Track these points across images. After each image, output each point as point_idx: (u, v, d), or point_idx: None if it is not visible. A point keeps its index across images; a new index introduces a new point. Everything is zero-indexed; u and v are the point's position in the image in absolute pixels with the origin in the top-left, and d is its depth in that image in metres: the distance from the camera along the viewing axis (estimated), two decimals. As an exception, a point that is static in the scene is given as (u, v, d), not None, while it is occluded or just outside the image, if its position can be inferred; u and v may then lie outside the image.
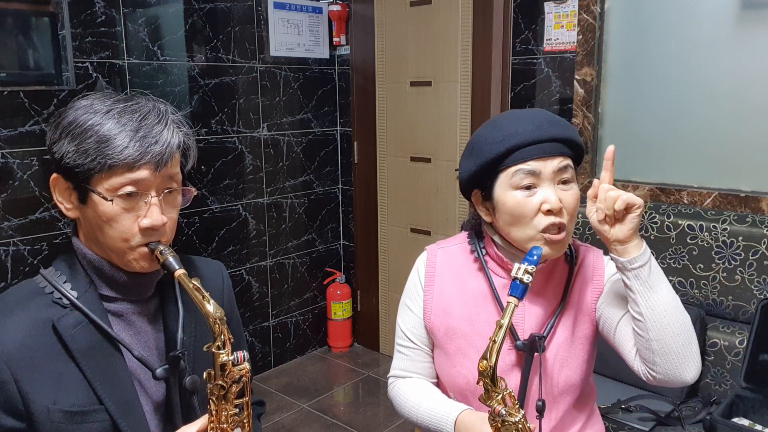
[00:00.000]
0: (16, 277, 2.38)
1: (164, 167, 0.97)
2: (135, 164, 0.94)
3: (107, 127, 0.94)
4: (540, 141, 1.12)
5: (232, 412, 0.94)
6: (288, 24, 3.21)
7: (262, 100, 3.15)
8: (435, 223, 3.19)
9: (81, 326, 0.97)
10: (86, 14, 2.45)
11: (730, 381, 2.00)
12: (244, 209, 3.15)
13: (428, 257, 1.32)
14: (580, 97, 2.51)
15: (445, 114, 3.04)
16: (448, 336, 1.25)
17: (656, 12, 2.33)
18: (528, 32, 2.66)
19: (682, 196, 2.29)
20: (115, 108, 0.96)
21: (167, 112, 1.00)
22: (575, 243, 1.30)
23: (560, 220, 1.12)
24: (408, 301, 1.32)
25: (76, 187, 0.97)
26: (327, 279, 3.59)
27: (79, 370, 0.96)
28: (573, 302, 1.24)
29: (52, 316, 0.96)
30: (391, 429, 2.79)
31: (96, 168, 0.93)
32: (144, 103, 0.99)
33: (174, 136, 0.98)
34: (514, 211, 1.13)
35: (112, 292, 1.02)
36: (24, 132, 2.34)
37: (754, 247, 2.00)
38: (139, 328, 1.04)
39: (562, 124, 1.17)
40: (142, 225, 0.96)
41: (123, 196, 0.95)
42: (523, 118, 1.16)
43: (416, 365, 1.31)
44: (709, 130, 2.26)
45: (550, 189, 1.12)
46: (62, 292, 0.98)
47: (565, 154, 1.14)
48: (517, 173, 1.12)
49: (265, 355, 3.33)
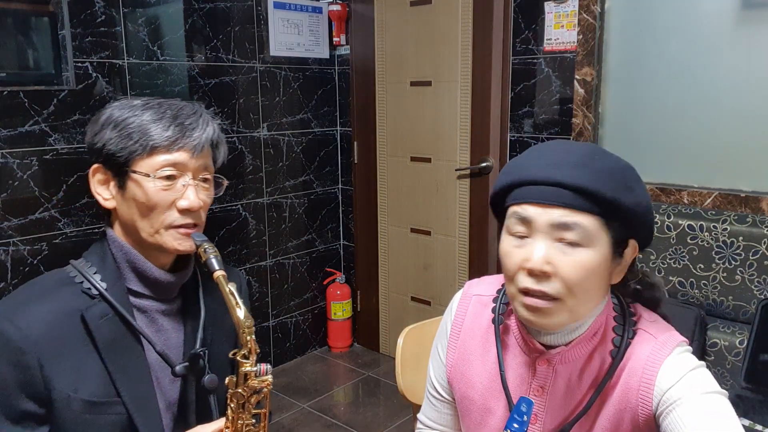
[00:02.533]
0: (16, 277, 2.38)
1: (200, 153, 1.03)
2: (174, 146, 1.00)
3: (147, 115, 1.01)
4: (546, 183, 0.89)
5: (248, 421, 0.96)
6: (288, 24, 3.21)
7: (262, 100, 3.15)
8: (435, 223, 3.19)
9: (107, 318, 0.99)
10: (86, 14, 2.45)
11: (730, 381, 2.00)
12: (244, 209, 3.15)
13: (460, 303, 1.12)
14: (580, 97, 2.51)
15: (445, 114, 3.04)
16: (464, 403, 1.09)
17: (656, 12, 2.33)
18: (528, 32, 2.65)
19: (683, 196, 2.29)
20: (152, 102, 1.03)
21: (201, 107, 1.07)
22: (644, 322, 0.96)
23: (543, 289, 0.88)
24: (438, 344, 1.16)
25: (116, 174, 1.02)
26: (327, 279, 3.59)
27: (101, 361, 0.98)
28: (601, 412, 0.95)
29: (81, 306, 0.98)
30: (391, 429, 2.79)
31: (138, 150, 0.99)
32: (177, 101, 1.06)
33: (209, 127, 1.05)
34: (502, 259, 0.94)
35: (140, 287, 1.04)
36: (24, 132, 2.34)
37: (755, 247, 2.00)
38: (161, 325, 1.06)
39: (593, 169, 0.88)
40: (180, 206, 1.01)
41: (163, 177, 1.00)
42: (551, 151, 0.94)
43: (443, 417, 1.18)
44: (709, 130, 2.26)
45: (541, 244, 0.89)
46: (92, 282, 1.00)
47: (577, 207, 0.87)
48: (513, 215, 0.93)
49: (265, 355, 3.33)
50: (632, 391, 0.92)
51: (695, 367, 0.90)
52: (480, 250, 3.01)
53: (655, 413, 0.90)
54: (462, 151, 2.99)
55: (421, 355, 1.48)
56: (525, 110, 2.71)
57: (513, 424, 0.94)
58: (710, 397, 0.86)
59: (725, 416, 0.84)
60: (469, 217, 3.02)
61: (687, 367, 0.90)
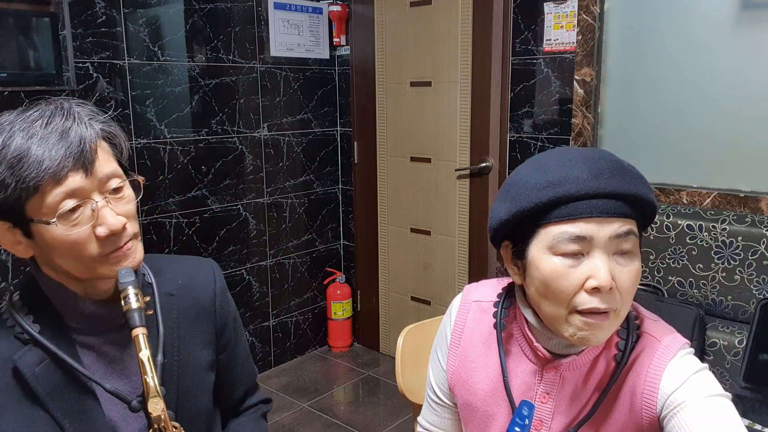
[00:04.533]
0: (17, 277, 2.38)
1: (93, 166, 0.86)
2: (61, 174, 0.83)
3: (15, 146, 0.82)
4: (597, 196, 0.85)
5: None
6: (288, 24, 3.21)
7: (263, 100, 3.15)
8: (435, 223, 3.19)
9: (44, 364, 0.88)
10: (87, 14, 2.46)
11: (729, 381, 2.00)
12: (245, 209, 3.15)
13: (460, 309, 1.09)
14: (580, 98, 2.52)
15: (445, 114, 3.04)
16: (467, 410, 1.07)
17: (656, 12, 2.33)
18: (528, 32, 2.66)
19: (682, 196, 2.29)
20: (16, 122, 0.85)
21: (72, 107, 0.89)
22: (647, 324, 0.96)
23: (607, 306, 0.85)
24: (438, 349, 1.13)
25: (15, 223, 0.87)
26: (327, 279, 3.60)
27: (46, 412, 0.88)
28: (608, 415, 0.95)
29: (12, 354, 0.88)
30: (391, 429, 2.80)
31: (23, 195, 0.83)
32: (44, 107, 0.88)
33: (88, 129, 0.87)
34: (550, 281, 0.87)
35: (80, 322, 0.93)
36: (25, 132, 2.34)
37: (754, 247, 2.01)
38: (114, 356, 0.96)
39: (630, 174, 0.88)
40: (100, 235, 0.86)
41: (65, 214, 0.84)
42: (578, 161, 0.88)
43: (444, 422, 1.16)
44: (708, 130, 2.26)
45: (602, 260, 0.85)
46: (23, 326, 0.89)
47: (629, 215, 0.86)
48: (561, 234, 0.86)
49: (265, 355, 3.34)
50: (637, 394, 0.91)
51: (699, 370, 0.90)
52: (480, 250, 3.01)
53: (659, 416, 0.89)
54: (462, 151, 3.00)
55: (421, 354, 1.48)
56: (525, 110, 2.72)
57: (515, 428, 0.92)
58: (714, 400, 0.86)
59: (729, 419, 0.84)
60: (469, 217, 3.03)
61: (691, 370, 0.89)
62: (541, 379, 0.97)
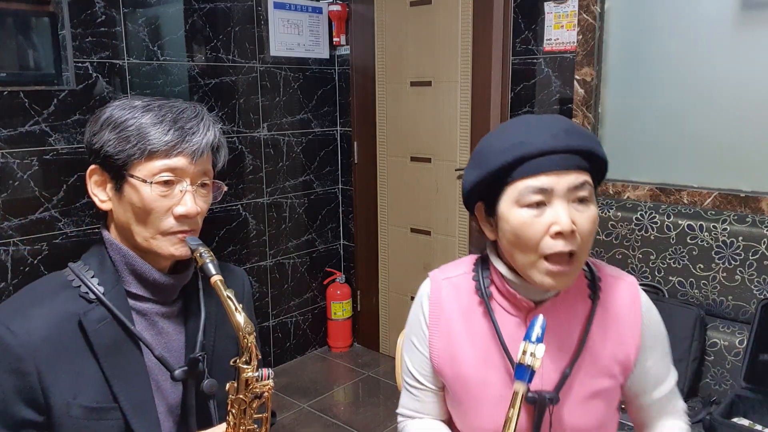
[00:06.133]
0: (16, 277, 2.38)
1: (200, 158, 1.01)
2: (173, 151, 0.98)
3: (147, 118, 0.98)
4: (554, 152, 0.96)
5: (250, 427, 0.95)
6: (288, 24, 3.21)
7: (262, 100, 3.15)
8: (435, 223, 3.19)
9: (105, 322, 0.98)
10: (86, 14, 2.45)
11: (730, 381, 2.00)
12: (244, 209, 3.15)
13: (432, 290, 1.15)
14: (580, 97, 2.51)
15: (445, 114, 3.04)
16: (458, 383, 1.11)
17: (656, 12, 2.33)
18: (528, 32, 2.66)
19: (682, 196, 2.29)
20: (153, 104, 1.01)
21: (203, 109, 1.05)
22: (601, 268, 1.12)
23: (571, 247, 0.96)
24: (413, 336, 1.17)
25: (114, 176, 1.00)
26: (327, 279, 3.59)
27: (99, 367, 0.96)
28: (595, 349, 1.06)
29: (78, 311, 0.97)
30: (391, 429, 2.79)
31: (136, 154, 0.97)
32: (180, 102, 1.03)
33: (210, 131, 1.03)
34: (519, 230, 0.98)
35: (140, 289, 1.03)
36: (24, 132, 2.34)
37: (754, 247, 2.00)
38: (162, 328, 1.05)
39: (583, 134, 1.01)
40: (177, 212, 0.99)
41: (160, 182, 0.98)
42: (536, 125, 1.01)
43: (426, 406, 1.18)
44: (709, 130, 2.26)
45: (563, 208, 0.96)
46: (89, 286, 0.99)
47: (584, 168, 0.99)
48: (526, 188, 0.97)
49: (265, 355, 3.33)
50: (617, 323, 1.07)
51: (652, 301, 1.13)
52: (480, 250, 3.01)
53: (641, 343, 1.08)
54: (462, 151, 2.99)
55: (421, 354, 1.48)
56: (525, 110, 2.72)
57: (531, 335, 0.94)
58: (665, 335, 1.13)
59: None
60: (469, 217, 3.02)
61: (651, 302, 1.12)
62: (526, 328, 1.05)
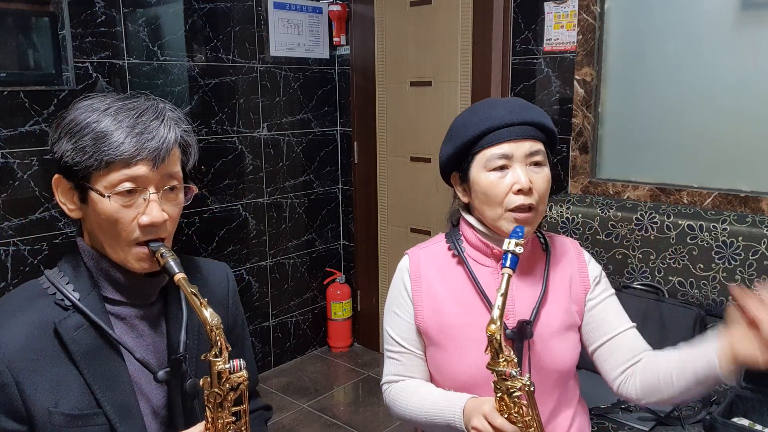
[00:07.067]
0: (17, 277, 2.38)
1: (162, 163, 0.96)
2: (132, 160, 0.94)
3: (104, 124, 0.94)
4: (513, 124, 1.19)
5: (228, 420, 0.94)
6: (288, 24, 3.21)
7: (262, 100, 3.15)
8: (435, 223, 3.19)
9: (82, 329, 0.97)
10: (86, 14, 2.45)
11: (730, 381, 2.00)
12: (244, 209, 3.15)
13: (411, 261, 1.33)
14: (580, 97, 2.52)
15: (445, 114, 3.04)
16: (443, 333, 1.27)
17: (656, 12, 2.33)
18: (528, 32, 2.66)
19: (682, 196, 2.29)
20: (113, 106, 0.96)
21: (165, 109, 1.00)
22: (550, 234, 1.39)
23: (530, 201, 1.19)
24: (395, 308, 1.34)
25: (77, 187, 0.98)
26: (327, 279, 3.59)
27: (79, 374, 0.95)
28: (556, 290, 1.29)
29: (54, 319, 0.96)
30: (391, 429, 2.79)
31: (93, 165, 0.94)
32: (142, 101, 0.99)
33: (171, 132, 0.98)
34: (487, 190, 1.21)
35: (116, 294, 1.02)
36: (24, 132, 2.34)
37: (754, 247, 2.00)
38: (142, 331, 1.03)
39: (535, 110, 1.24)
40: (142, 222, 0.96)
41: (122, 193, 0.95)
42: (497, 105, 1.24)
43: (410, 369, 1.32)
44: (709, 130, 2.26)
45: (521, 170, 1.19)
46: (64, 293, 0.97)
47: (537, 138, 1.22)
48: (491, 155, 1.20)
49: (265, 355, 3.33)
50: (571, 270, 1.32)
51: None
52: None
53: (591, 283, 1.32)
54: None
55: (421, 354, 1.50)
56: (525, 110, 2.71)
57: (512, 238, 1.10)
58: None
59: None
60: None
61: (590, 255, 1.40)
62: (499, 274, 1.22)
